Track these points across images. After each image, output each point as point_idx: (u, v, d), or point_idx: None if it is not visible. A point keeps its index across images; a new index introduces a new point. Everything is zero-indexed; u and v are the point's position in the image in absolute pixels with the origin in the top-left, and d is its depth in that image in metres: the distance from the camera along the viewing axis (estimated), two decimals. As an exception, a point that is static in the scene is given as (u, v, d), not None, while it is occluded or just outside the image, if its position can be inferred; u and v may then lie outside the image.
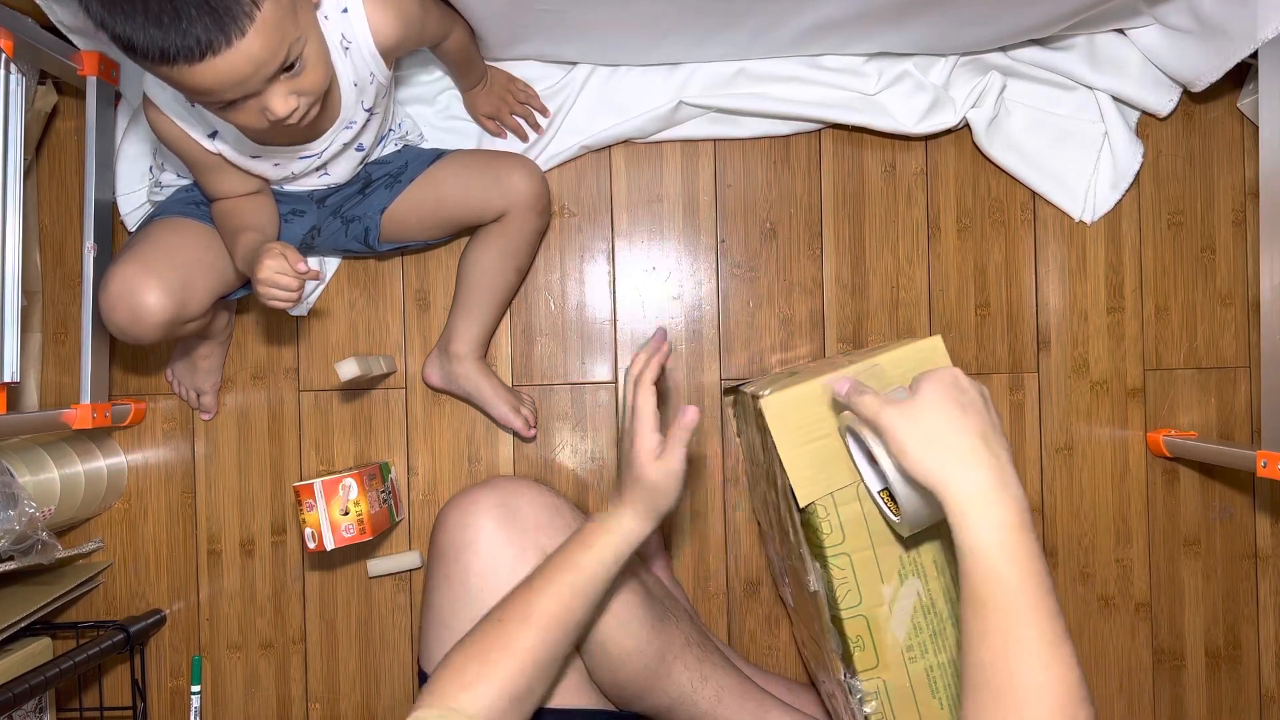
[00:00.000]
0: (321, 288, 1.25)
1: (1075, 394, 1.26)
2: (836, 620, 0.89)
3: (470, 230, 1.17)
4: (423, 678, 0.94)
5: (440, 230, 1.16)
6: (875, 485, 0.85)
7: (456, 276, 1.19)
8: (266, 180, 1.02)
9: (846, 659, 0.90)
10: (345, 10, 0.90)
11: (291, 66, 0.80)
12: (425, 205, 1.12)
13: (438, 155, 1.13)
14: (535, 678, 0.78)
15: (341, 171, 1.06)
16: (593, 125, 1.22)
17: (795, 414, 0.88)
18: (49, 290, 1.25)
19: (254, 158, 0.97)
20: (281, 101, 0.81)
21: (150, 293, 0.95)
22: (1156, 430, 1.25)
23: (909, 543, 0.89)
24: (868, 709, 0.89)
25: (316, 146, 0.98)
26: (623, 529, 0.83)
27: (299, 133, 0.93)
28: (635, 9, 1.05)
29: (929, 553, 0.89)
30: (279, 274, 0.87)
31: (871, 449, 0.78)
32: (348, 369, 1.09)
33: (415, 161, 1.12)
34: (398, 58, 1.00)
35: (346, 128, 0.99)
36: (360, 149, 1.05)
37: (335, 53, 0.91)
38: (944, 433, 0.71)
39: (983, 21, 1.11)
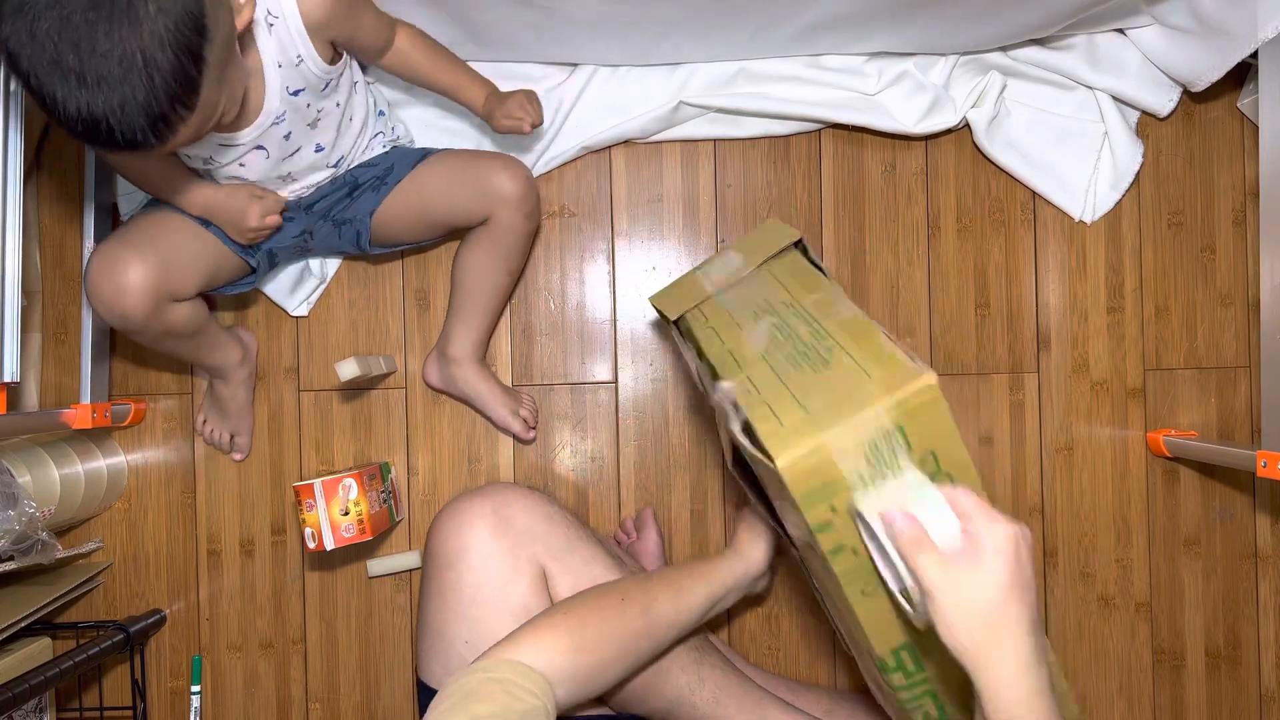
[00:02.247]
0: (323, 287, 1.25)
1: (1075, 394, 1.26)
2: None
3: (463, 231, 1.15)
4: (421, 689, 0.93)
5: (430, 232, 1.15)
6: (893, 584, 0.74)
7: (451, 277, 1.19)
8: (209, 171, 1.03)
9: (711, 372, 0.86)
10: (271, 14, 0.88)
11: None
12: (410, 208, 1.10)
13: (424, 155, 1.11)
14: (616, 669, 0.83)
15: (304, 169, 1.04)
16: (594, 126, 1.22)
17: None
18: (49, 290, 1.25)
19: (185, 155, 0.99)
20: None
21: (132, 267, 0.96)
22: (1156, 430, 1.25)
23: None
24: (734, 400, 0.79)
25: (242, 137, 0.96)
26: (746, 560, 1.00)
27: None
28: (635, 7, 1.05)
29: (782, 294, 0.88)
30: (264, 219, 1.03)
31: (896, 564, 0.69)
32: (347, 369, 1.09)
33: (401, 163, 1.11)
34: (332, 45, 0.96)
35: (275, 122, 0.95)
36: (320, 149, 1.03)
37: (259, 29, 0.88)
38: (995, 619, 0.64)
39: (983, 20, 1.11)
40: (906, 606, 0.73)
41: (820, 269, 0.91)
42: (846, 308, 0.81)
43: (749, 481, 1.00)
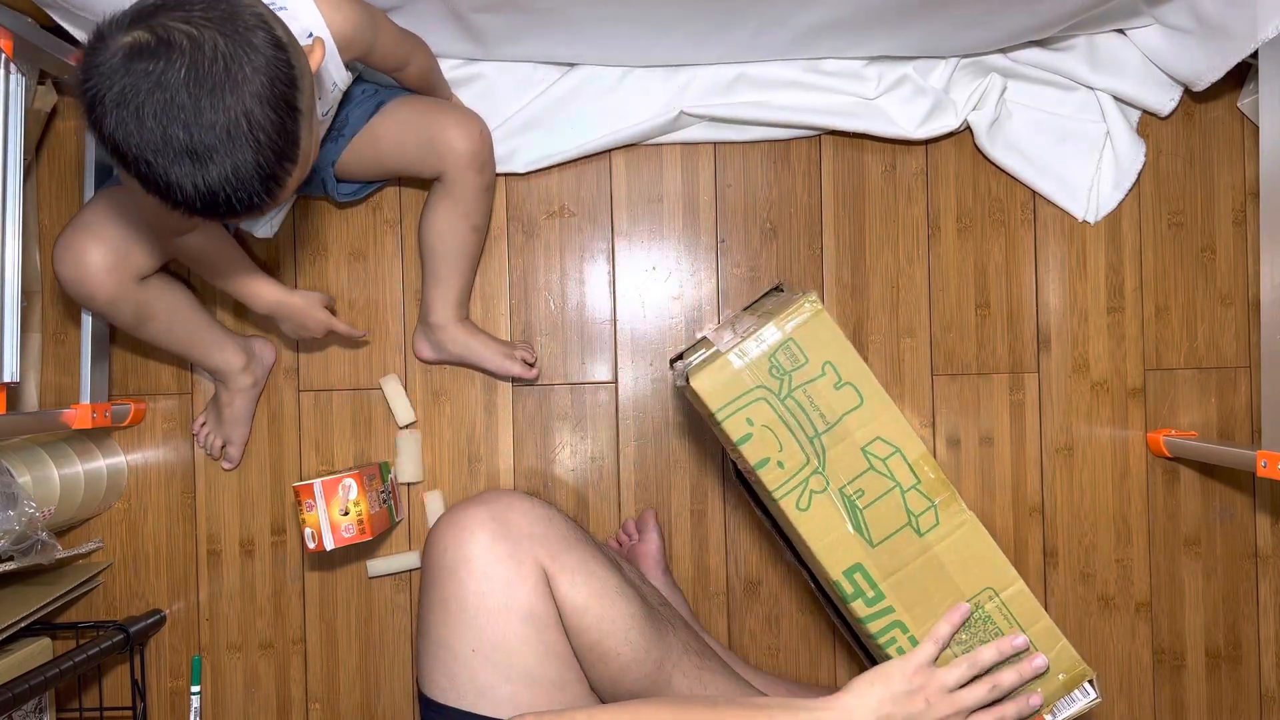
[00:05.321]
0: (285, 209, 1.20)
1: (1075, 394, 1.26)
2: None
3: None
4: (424, 702, 0.93)
5: (390, 175, 1.18)
6: None
7: (419, 247, 1.18)
8: None
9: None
10: (311, 35, 0.90)
11: None
12: (366, 159, 1.12)
13: (379, 105, 1.10)
14: None
15: None
16: (592, 130, 1.22)
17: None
18: (49, 290, 1.25)
19: None
20: None
21: (91, 249, 1.00)
22: (1156, 430, 1.25)
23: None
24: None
25: None
26: None
27: None
28: (636, 6, 1.05)
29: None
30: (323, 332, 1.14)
31: None
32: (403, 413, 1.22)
33: (356, 112, 1.10)
34: (351, 62, 0.99)
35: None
36: None
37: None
38: None
39: (983, 23, 1.11)
40: None
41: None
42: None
43: (755, 501, 1.02)
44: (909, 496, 0.87)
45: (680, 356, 1.01)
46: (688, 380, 0.87)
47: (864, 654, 1.03)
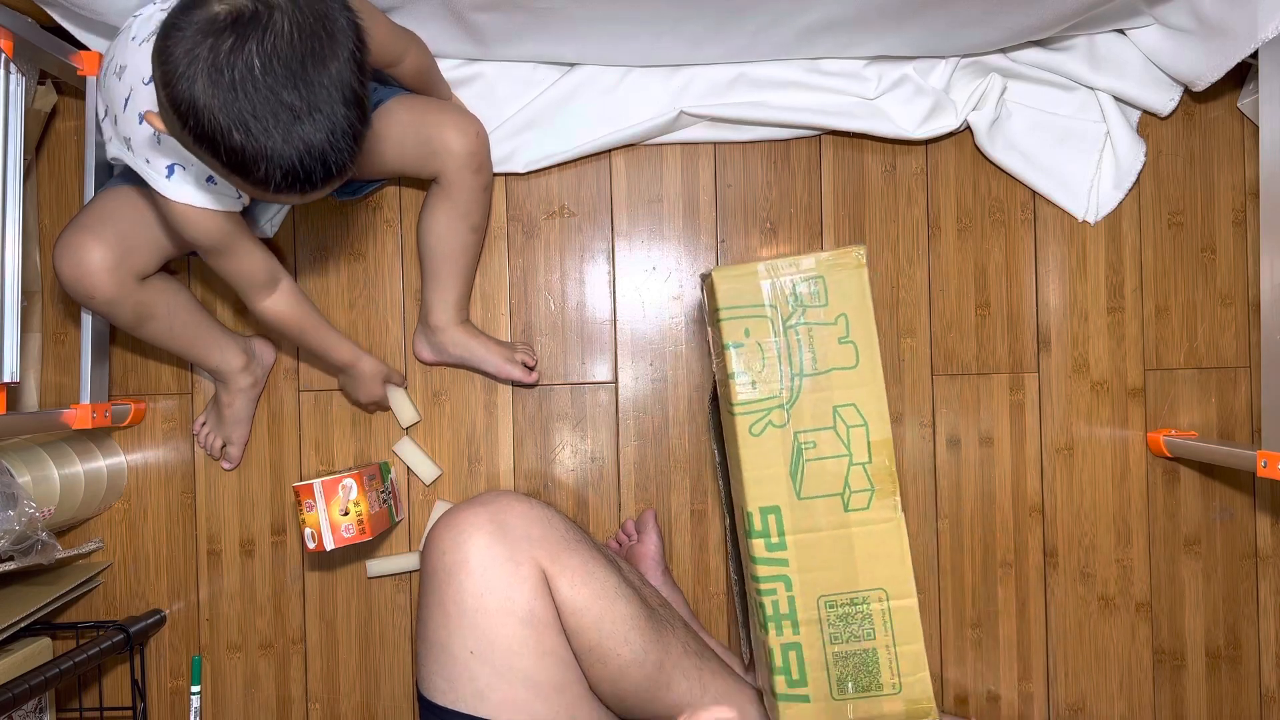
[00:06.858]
0: (286, 208, 1.22)
1: (1075, 394, 1.26)
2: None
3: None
4: (424, 704, 0.93)
5: (389, 174, 1.19)
6: None
7: (418, 249, 1.18)
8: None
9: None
10: None
11: None
12: (365, 159, 1.10)
13: (376, 104, 1.09)
14: None
15: None
16: (592, 130, 1.22)
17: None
18: (49, 290, 1.25)
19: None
20: None
21: (90, 248, 1.00)
22: (1156, 430, 1.25)
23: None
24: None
25: None
26: None
27: None
28: (636, 6, 1.05)
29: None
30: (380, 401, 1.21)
31: None
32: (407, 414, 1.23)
33: None
34: None
35: None
36: None
37: None
38: None
39: (983, 22, 1.11)
40: None
41: None
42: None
43: (717, 435, 1.03)
44: (853, 472, 0.87)
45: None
46: (710, 272, 0.88)
47: (746, 633, 1.02)
